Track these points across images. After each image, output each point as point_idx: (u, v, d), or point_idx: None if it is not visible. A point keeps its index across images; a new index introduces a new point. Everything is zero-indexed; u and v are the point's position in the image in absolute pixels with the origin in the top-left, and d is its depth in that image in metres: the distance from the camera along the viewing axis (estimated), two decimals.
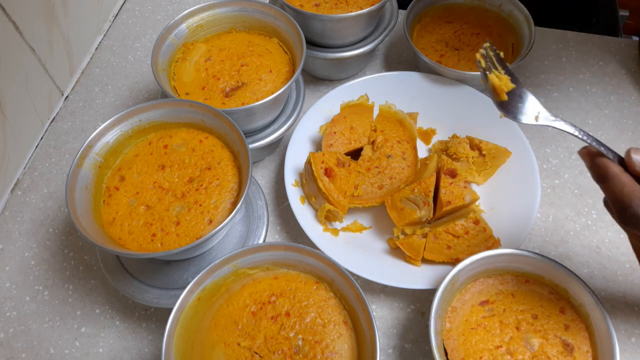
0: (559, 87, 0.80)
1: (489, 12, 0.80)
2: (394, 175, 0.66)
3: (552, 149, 0.74)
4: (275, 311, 0.51)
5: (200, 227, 0.54)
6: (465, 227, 0.60)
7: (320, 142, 0.71)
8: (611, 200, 0.43)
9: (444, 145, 0.69)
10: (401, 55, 0.85)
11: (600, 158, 0.44)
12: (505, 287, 0.56)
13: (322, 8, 0.73)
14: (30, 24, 0.71)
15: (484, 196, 0.67)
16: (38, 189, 0.73)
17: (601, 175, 0.43)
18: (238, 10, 0.72)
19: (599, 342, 0.51)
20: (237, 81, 0.67)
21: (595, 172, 0.44)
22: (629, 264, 0.63)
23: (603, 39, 0.85)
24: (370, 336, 0.47)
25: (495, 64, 0.50)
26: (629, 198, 0.40)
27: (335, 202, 0.63)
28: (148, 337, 0.61)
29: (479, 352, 0.51)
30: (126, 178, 0.58)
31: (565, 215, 0.68)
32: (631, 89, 0.79)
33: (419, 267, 0.61)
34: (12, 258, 0.67)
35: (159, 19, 0.93)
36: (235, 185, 0.57)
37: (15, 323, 0.62)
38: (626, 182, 0.41)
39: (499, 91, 0.48)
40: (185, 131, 0.61)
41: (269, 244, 0.53)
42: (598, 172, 0.44)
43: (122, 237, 0.54)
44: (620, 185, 0.41)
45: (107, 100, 0.82)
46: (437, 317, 0.52)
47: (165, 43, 0.68)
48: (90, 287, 0.65)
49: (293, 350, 0.49)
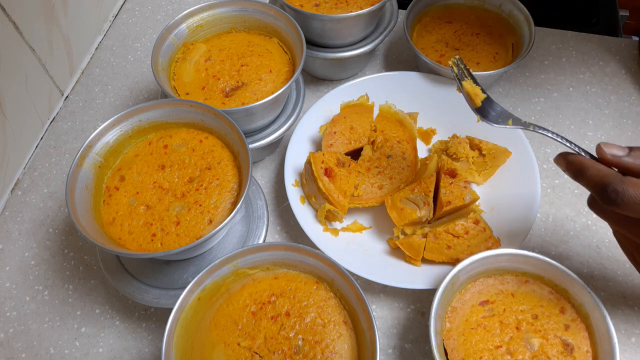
0: (559, 87, 0.80)
1: (489, 12, 0.80)
2: (394, 175, 0.66)
3: (552, 149, 0.74)
4: (275, 311, 0.51)
5: (200, 227, 0.54)
6: (465, 227, 0.60)
7: (320, 142, 0.71)
8: (591, 188, 0.45)
9: (444, 145, 0.69)
10: (401, 55, 0.85)
11: (573, 156, 0.47)
12: (505, 287, 0.56)
13: (322, 8, 0.73)
14: (30, 24, 0.71)
15: (484, 196, 0.67)
16: (38, 189, 0.73)
17: (577, 170, 0.46)
18: (238, 10, 0.72)
19: (599, 342, 0.51)
20: (237, 81, 0.67)
21: (572, 169, 0.47)
22: (629, 264, 0.63)
23: (603, 39, 0.85)
24: (370, 336, 0.47)
25: (466, 75, 0.55)
26: (607, 179, 0.43)
27: (335, 202, 0.63)
28: (148, 337, 0.61)
29: (479, 352, 0.51)
30: (126, 178, 0.58)
31: (565, 215, 0.68)
32: (631, 89, 0.79)
33: (419, 267, 0.61)
34: (12, 258, 0.67)
35: (159, 19, 0.93)
36: (235, 185, 0.57)
37: (15, 323, 0.62)
38: (601, 167, 0.45)
39: (473, 97, 0.53)
40: (185, 131, 0.61)
41: (269, 244, 0.53)
42: (574, 168, 0.46)
43: (122, 237, 0.54)
44: (596, 171, 0.44)
45: (107, 100, 0.82)
46: (437, 317, 0.52)
47: (165, 43, 0.68)
48: (90, 287, 0.65)
49: (293, 350, 0.49)
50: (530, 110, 0.77)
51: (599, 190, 0.44)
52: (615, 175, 0.43)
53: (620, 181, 0.43)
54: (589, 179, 0.45)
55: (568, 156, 0.48)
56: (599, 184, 0.44)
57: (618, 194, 0.42)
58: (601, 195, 0.44)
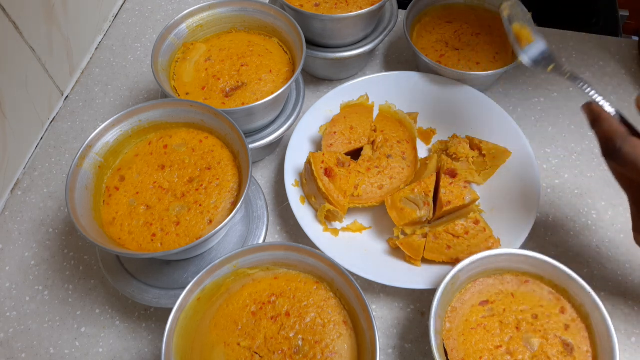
0: (559, 87, 0.80)
1: (489, 12, 0.80)
2: (394, 175, 0.66)
3: (552, 149, 0.74)
4: (275, 311, 0.51)
5: (200, 227, 0.54)
6: (465, 227, 0.60)
7: (320, 142, 0.71)
8: (599, 139, 0.49)
9: (444, 145, 0.69)
10: (401, 55, 0.85)
11: (596, 105, 0.50)
12: (505, 287, 0.56)
13: (322, 8, 0.73)
14: (30, 24, 0.71)
15: (484, 196, 0.67)
16: (38, 189, 0.73)
17: (594, 119, 0.49)
18: (238, 10, 0.72)
19: (599, 342, 0.51)
20: (237, 81, 0.67)
21: (590, 116, 0.50)
22: (629, 264, 0.63)
23: (603, 39, 0.85)
24: (370, 336, 0.47)
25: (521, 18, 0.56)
26: (615, 135, 0.47)
27: (335, 202, 0.63)
28: (148, 337, 0.61)
29: (479, 352, 0.51)
30: (126, 178, 0.58)
31: (565, 215, 0.68)
32: (631, 89, 0.79)
33: (419, 267, 0.61)
34: (12, 258, 0.67)
35: (159, 19, 0.93)
36: (235, 185, 0.57)
37: (15, 323, 0.62)
38: (613, 123, 0.48)
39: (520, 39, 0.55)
40: (185, 131, 0.61)
41: (269, 244, 0.53)
42: (592, 116, 0.50)
43: (122, 237, 0.54)
44: (608, 125, 0.48)
45: (107, 100, 0.82)
46: (437, 317, 0.52)
47: (165, 43, 0.68)
48: (90, 287, 0.65)
49: (293, 350, 0.49)
50: (530, 110, 0.77)
51: (603, 142, 0.48)
52: (621, 133, 0.47)
53: (622, 139, 0.46)
54: (600, 130, 0.49)
55: (592, 105, 0.50)
56: (607, 138, 0.48)
57: (616, 150, 0.46)
58: (604, 148, 0.48)
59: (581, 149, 0.73)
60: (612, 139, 0.47)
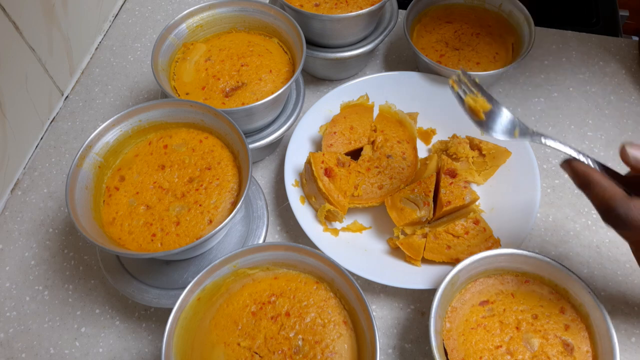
0: (559, 87, 0.80)
1: (489, 12, 0.80)
2: (394, 175, 0.66)
3: (552, 149, 0.73)
4: (275, 311, 0.51)
5: (200, 227, 0.54)
6: (465, 227, 0.60)
7: (320, 142, 0.71)
8: (596, 206, 0.45)
9: (444, 145, 0.69)
10: (401, 55, 0.85)
11: (581, 167, 0.46)
12: (505, 287, 0.56)
13: (322, 8, 0.73)
14: (30, 24, 0.71)
15: (484, 196, 0.67)
16: (38, 189, 0.73)
17: (584, 183, 0.46)
18: (238, 10, 0.72)
19: (599, 342, 0.51)
20: (237, 81, 0.67)
21: (578, 180, 0.46)
22: (629, 264, 0.63)
23: (603, 39, 0.85)
24: (370, 336, 0.47)
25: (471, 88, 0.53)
26: (612, 201, 0.43)
27: (335, 202, 0.63)
28: (148, 337, 0.61)
29: (479, 352, 0.51)
30: (126, 178, 0.58)
31: (565, 215, 0.68)
32: (631, 89, 0.79)
33: (419, 267, 0.61)
34: (12, 258, 0.67)
35: (159, 19, 0.93)
36: (235, 185, 0.57)
37: (15, 323, 0.62)
38: (607, 186, 0.44)
39: (476, 111, 0.52)
40: (185, 131, 0.61)
41: (269, 244, 0.53)
42: (580, 180, 0.46)
43: (122, 237, 0.54)
44: (602, 190, 0.44)
45: (107, 100, 0.82)
46: (437, 317, 0.52)
47: (165, 43, 0.68)
48: (90, 287, 0.65)
49: (293, 350, 0.49)
50: (530, 110, 0.77)
51: (602, 212, 0.44)
52: (620, 196, 0.43)
53: (623, 205, 0.42)
54: (594, 197, 0.45)
55: (574, 163, 0.47)
56: (603, 205, 0.44)
57: (620, 218, 0.42)
58: (605, 218, 0.44)
59: (581, 149, 0.73)
60: (612, 206, 0.43)
